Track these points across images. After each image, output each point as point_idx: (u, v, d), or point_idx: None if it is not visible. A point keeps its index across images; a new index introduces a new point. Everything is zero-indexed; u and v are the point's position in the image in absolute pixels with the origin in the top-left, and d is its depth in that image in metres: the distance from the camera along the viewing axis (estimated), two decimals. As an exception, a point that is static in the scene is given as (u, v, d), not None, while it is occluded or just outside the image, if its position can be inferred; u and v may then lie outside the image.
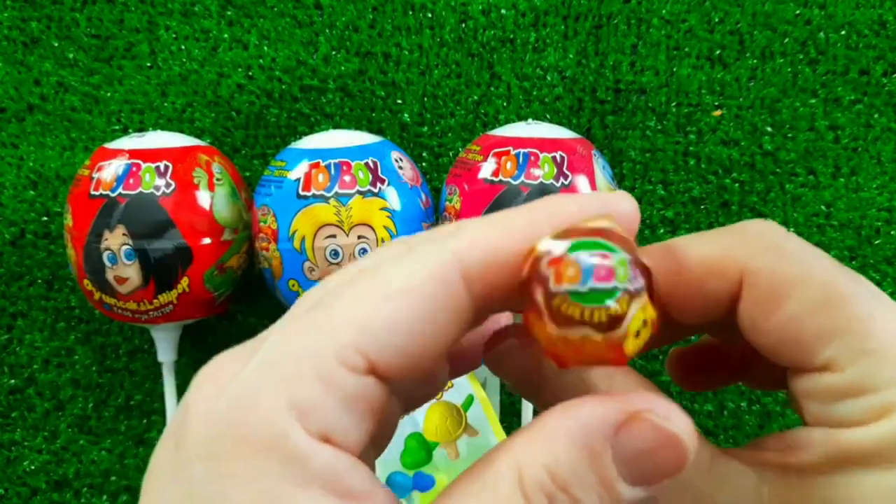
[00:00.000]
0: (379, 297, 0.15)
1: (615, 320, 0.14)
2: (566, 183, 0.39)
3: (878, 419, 0.16)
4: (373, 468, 0.17)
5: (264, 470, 0.14)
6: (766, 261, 0.18)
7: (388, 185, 0.39)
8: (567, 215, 0.16)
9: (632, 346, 0.14)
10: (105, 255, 0.39)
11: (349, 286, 0.15)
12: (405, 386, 0.17)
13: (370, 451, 0.18)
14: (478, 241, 0.16)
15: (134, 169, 0.39)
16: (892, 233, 0.46)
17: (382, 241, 0.39)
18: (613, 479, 0.15)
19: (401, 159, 0.41)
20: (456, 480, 0.16)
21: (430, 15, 0.49)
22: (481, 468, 0.15)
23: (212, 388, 0.15)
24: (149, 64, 0.49)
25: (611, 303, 0.14)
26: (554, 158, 0.39)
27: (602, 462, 0.15)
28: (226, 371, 0.15)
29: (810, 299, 0.17)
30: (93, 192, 0.39)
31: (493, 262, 0.16)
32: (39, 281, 0.48)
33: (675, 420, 0.15)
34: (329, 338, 0.15)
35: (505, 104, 0.48)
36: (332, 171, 0.39)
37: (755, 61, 0.48)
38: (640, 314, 0.14)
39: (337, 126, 0.49)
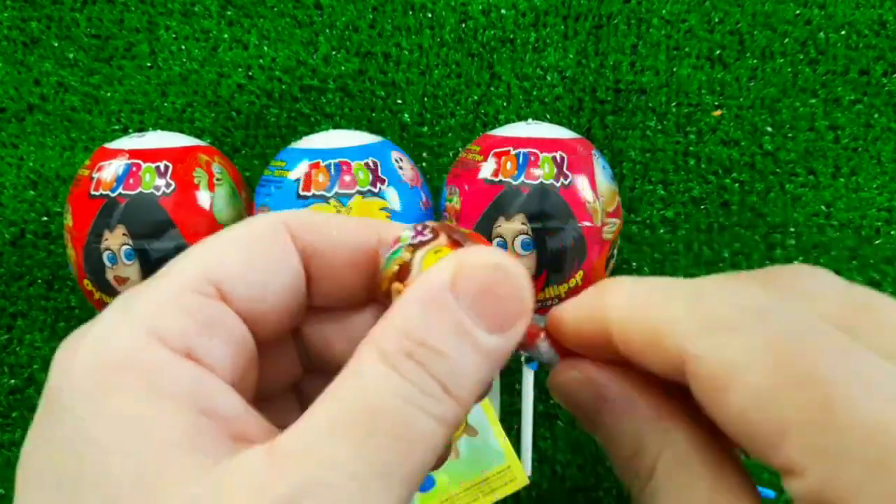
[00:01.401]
0: (221, 244, 0.17)
1: (404, 268, 0.17)
2: (566, 183, 0.39)
3: None
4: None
5: (129, 391, 0.14)
6: (704, 347, 0.15)
7: (388, 185, 0.39)
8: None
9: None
10: (105, 255, 0.39)
11: (197, 245, 0.17)
12: (266, 332, 0.18)
13: (245, 390, 0.18)
14: (300, 213, 0.18)
15: (134, 169, 0.39)
16: (892, 233, 0.46)
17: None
18: (467, 326, 0.16)
19: (401, 159, 0.41)
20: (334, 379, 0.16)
21: (430, 15, 0.49)
22: (349, 363, 0.16)
23: (70, 345, 0.15)
24: (149, 64, 0.49)
25: (397, 256, 0.18)
26: (554, 158, 0.39)
27: (450, 310, 0.15)
28: (93, 322, 0.16)
29: (758, 387, 0.14)
30: (93, 192, 0.39)
31: (313, 225, 0.18)
32: (39, 281, 0.48)
33: (499, 256, 0.16)
34: (180, 275, 0.16)
35: (505, 104, 0.48)
36: (332, 172, 0.39)
37: (755, 61, 0.48)
38: (430, 257, 0.17)
39: (337, 126, 0.49)
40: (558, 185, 0.38)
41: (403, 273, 0.17)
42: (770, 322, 0.14)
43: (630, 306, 0.16)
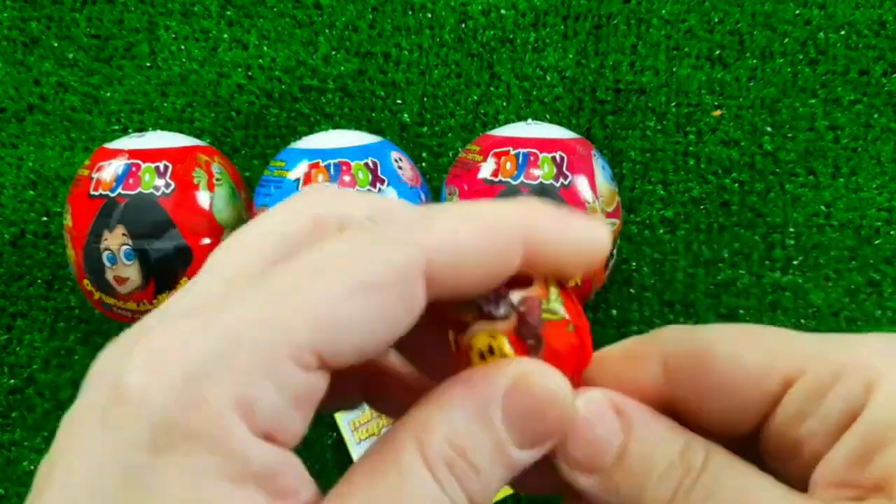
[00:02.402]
0: (341, 292, 0.15)
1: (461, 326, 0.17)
2: (566, 183, 0.39)
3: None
4: None
5: (204, 466, 0.14)
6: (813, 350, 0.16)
7: (388, 185, 0.39)
8: (536, 228, 0.16)
9: (475, 359, 0.17)
10: (105, 256, 0.39)
11: (313, 273, 0.15)
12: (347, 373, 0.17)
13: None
14: (448, 242, 0.16)
15: (134, 169, 0.39)
16: (892, 233, 0.46)
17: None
18: (505, 443, 0.16)
19: (400, 159, 0.41)
20: (362, 459, 0.16)
21: (430, 15, 0.49)
22: (384, 446, 0.16)
23: (154, 373, 0.14)
24: (149, 64, 0.49)
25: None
26: (554, 158, 0.39)
27: (494, 426, 0.16)
28: (166, 347, 0.14)
29: (736, 341, 0.16)
30: (92, 192, 0.39)
31: (459, 265, 0.16)
32: (39, 281, 0.48)
33: (555, 380, 0.16)
34: (285, 334, 0.14)
35: (505, 104, 0.48)
36: (332, 172, 0.39)
37: (755, 61, 0.48)
38: (483, 336, 0.17)
39: (337, 126, 0.49)
40: (558, 185, 0.38)
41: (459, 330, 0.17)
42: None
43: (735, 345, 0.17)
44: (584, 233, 0.17)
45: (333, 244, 0.16)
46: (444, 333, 0.18)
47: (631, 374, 0.18)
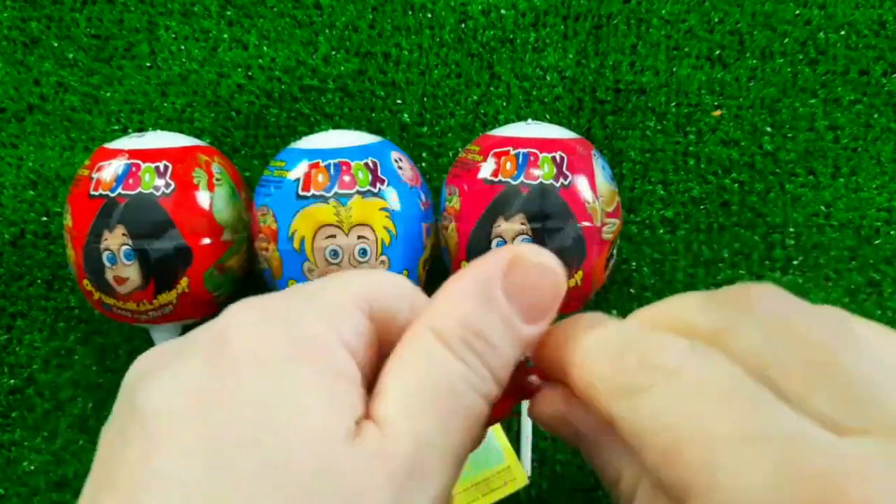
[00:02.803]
0: (376, 277, 0.20)
1: None
2: (566, 183, 0.39)
3: None
4: None
5: (316, 364, 0.17)
6: (620, 409, 0.17)
7: (388, 185, 0.39)
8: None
9: None
10: (105, 256, 0.39)
11: (353, 274, 0.20)
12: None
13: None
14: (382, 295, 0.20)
15: (133, 169, 0.39)
16: (892, 233, 0.46)
17: (382, 241, 0.39)
18: (512, 317, 0.18)
19: (400, 159, 0.41)
20: (388, 361, 0.19)
21: (430, 15, 0.49)
22: (405, 343, 0.18)
23: (252, 313, 0.18)
24: (149, 64, 0.49)
25: None
26: (554, 158, 0.39)
27: (500, 304, 0.18)
28: (260, 305, 0.18)
29: (663, 448, 0.17)
30: (92, 193, 0.39)
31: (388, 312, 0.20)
32: (39, 281, 0.48)
33: (546, 257, 0.19)
34: (350, 291, 0.19)
35: (505, 104, 0.48)
36: (332, 172, 0.39)
37: (755, 61, 0.48)
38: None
39: (337, 126, 0.49)
40: (558, 185, 0.38)
41: None
42: (676, 383, 0.16)
43: (579, 363, 0.19)
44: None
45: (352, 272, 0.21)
46: None
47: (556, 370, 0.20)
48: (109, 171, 0.40)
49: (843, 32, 0.47)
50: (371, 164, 0.39)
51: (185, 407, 0.16)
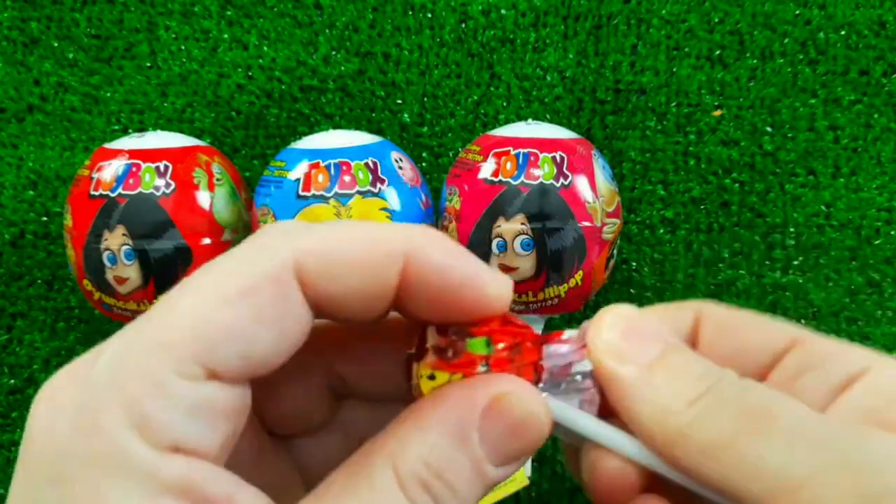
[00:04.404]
0: (217, 301, 0.15)
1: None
2: (566, 183, 0.39)
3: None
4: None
5: (111, 489, 0.14)
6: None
7: (388, 185, 0.39)
8: (419, 251, 0.16)
9: (424, 386, 0.17)
10: (105, 256, 0.39)
11: (188, 288, 0.15)
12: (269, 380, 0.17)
13: (241, 450, 0.17)
14: (321, 245, 0.16)
15: (134, 169, 0.39)
16: (892, 233, 0.46)
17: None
18: (482, 461, 0.16)
19: (401, 159, 0.41)
20: (333, 476, 0.16)
21: (430, 15, 0.49)
22: (358, 464, 0.16)
23: (50, 408, 0.15)
24: (149, 64, 0.49)
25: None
26: (554, 158, 0.39)
27: (472, 446, 0.16)
28: (63, 390, 0.15)
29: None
30: (92, 193, 0.39)
31: (331, 268, 0.16)
32: (39, 281, 0.48)
33: (535, 403, 0.17)
34: (166, 350, 0.14)
35: (505, 104, 0.48)
36: (332, 172, 0.39)
37: (755, 61, 0.48)
38: (422, 369, 0.17)
39: (337, 126, 0.49)
40: (558, 185, 0.38)
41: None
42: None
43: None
44: (474, 273, 0.17)
45: (208, 263, 0.16)
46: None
47: (672, 317, 0.20)
48: (109, 171, 0.40)
49: (843, 32, 0.47)
50: (371, 164, 0.39)
51: None
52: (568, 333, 0.19)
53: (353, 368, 0.20)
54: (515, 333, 0.18)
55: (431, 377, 0.17)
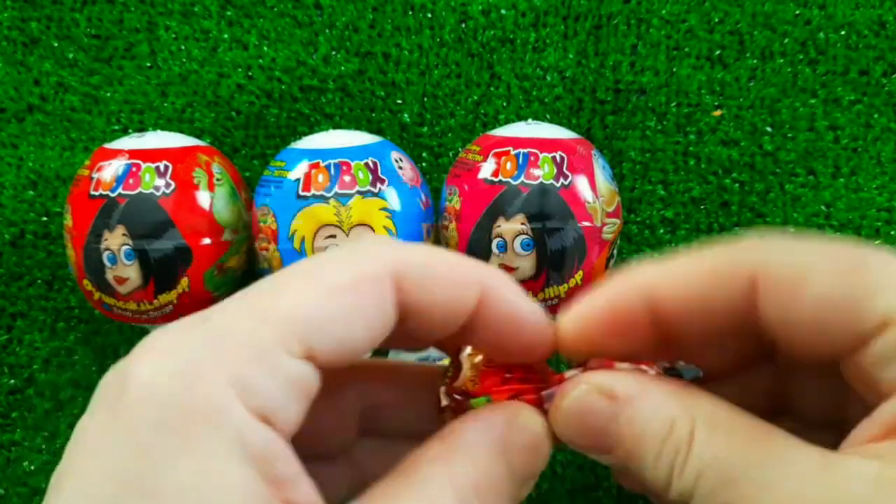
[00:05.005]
0: (324, 289, 0.16)
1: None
2: (566, 183, 0.39)
3: None
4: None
5: (203, 442, 0.14)
6: (775, 252, 0.17)
7: (388, 185, 0.39)
8: (494, 287, 0.18)
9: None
10: (105, 256, 0.39)
11: (297, 275, 0.16)
12: (335, 381, 0.18)
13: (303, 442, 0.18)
14: (417, 259, 0.17)
15: (134, 169, 0.39)
16: (892, 233, 0.46)
17: (382, 241, 0.39)
18: (516, 477, 0.18)
19: (401, 159, 0.41)
20: (380, 484, 0.17)
21: (430, 15, 0.49)
22: (408, 474, 0.17)
23: (152, 360, 0.15)
24: (149, 64, 0.49)
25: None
26: (554, 158, 0.39)
27: (511, 463, 0.18)
28: (166, 344, 0.15)
29: (837, 270, 0.16)
30: (92, 193, 0.39)
31: (425, 281, 0.17)
32: (39, 281, 0.48)
33: (539, 420, 0.19)
34: (273, 325, 0.15)
35: (505, 104, 0.48)
36: (332, 172, 0.39)
37: (755, 61, 0.48)
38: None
39: (337, 126, 0.49)
40: (558, 185, 0.38)
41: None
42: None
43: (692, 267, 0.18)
44: (533, 318, 0.19)
45: (313, 258, 0.17)
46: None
47: (716, 292, 0.18)
48: (109, 171, 0.40)
49: (843, 32, 0.47)
50: (371, 164, 0.39)
51: (87, 451, 0.15)
52: (570, 373, 0.20)
53: (389, 394, 0.22)
54: (515, 390, 0.19)
55: None
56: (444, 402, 0.20)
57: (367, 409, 0.21)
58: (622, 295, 0.19)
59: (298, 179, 0.39)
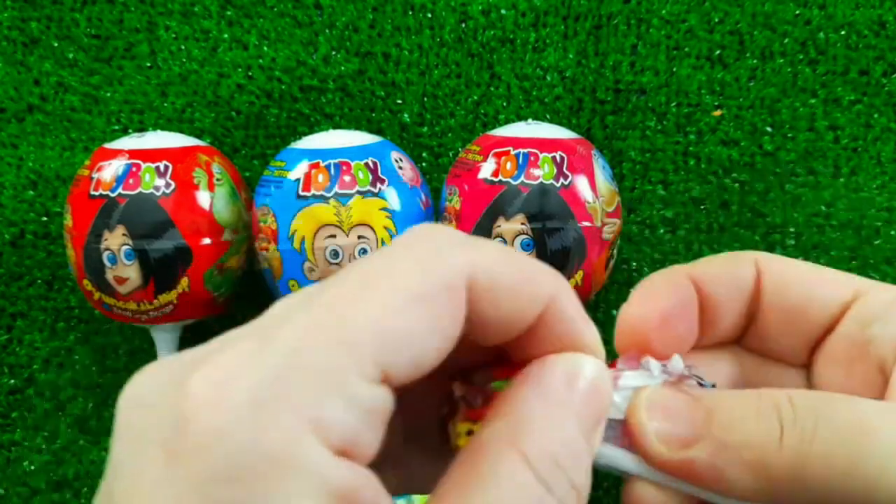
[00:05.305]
0: (397, 304, 0.14)
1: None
2: (566, 183, 0.39)
3: None
4: None
5: (284, 490, 0.13)
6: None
7: (388, 185, 0.39)
8: (559, 298, 0.17)
9: (463, 443, 0.18)
10: (105, 256, 0.39)
11: (367, 284, 0.15)
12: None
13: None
14: (491, 263, 0.15)
15: (134, 169, 0.39)
16: (892, 233, 0.46)
17: (382, 241, 0.39)
18: (590, 435, 0.17)
19: (401, 159, 0.41)
20: (448, 474, 0.15)
21: (430, 15, 0.49)
22: (476, 457, 0.15)
23: (216, 395, 0.14)
24: (149, 64, 0.49)
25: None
26: (554, 158, 0.39)
27: (582, 421, 0.17)
28: (227, 373, 0.14)
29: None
30: (92, 193, 0.39)
31: (496, 289, 0.16)
32: (39, 281, 0.48)
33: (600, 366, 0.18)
34: (348, 349, 0.14)
35: (505, 104, 0.48)
36: (332, 172, 0.39)
37: (755, 61, 0.48)
38: (459, 426, 0.18)
39: (337, 126, 0.49)
40: (558, 185, 0.38)
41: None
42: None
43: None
44: (589, 341, 0.18)
45: (381, 257, 0.15)
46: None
47: (731, 270, 0.21)
48: (109, 171, 0.40)
49: (843, 32, 0.47)
50: (371, 164, 0.39)
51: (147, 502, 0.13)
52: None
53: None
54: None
55: (470, 433, 0.17)
56: (459, 392, 0.18)
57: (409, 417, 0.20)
58: (676, 284, 0.20)
59: (298, 179, 0.39)
